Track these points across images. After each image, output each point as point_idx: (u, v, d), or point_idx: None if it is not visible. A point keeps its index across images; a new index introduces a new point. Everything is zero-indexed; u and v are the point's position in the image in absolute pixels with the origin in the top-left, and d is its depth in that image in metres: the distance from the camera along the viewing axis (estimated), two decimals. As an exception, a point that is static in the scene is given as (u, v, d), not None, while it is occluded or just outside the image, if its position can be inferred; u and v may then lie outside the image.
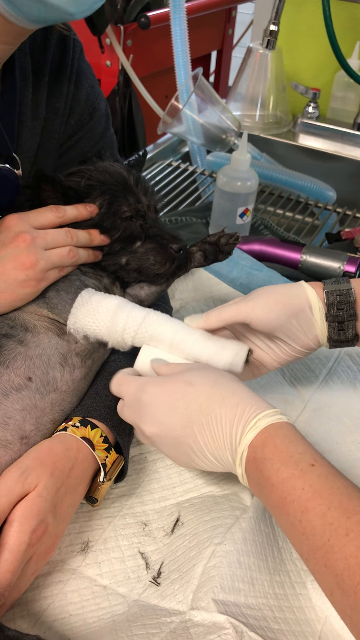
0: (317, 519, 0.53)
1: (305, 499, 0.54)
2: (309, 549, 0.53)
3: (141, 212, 0.81)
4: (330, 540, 0.51)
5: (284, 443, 0.59)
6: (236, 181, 1.23)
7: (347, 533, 0.51)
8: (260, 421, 0.61)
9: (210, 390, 0.64)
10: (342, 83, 1.68)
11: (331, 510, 0.53)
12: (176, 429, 0.64)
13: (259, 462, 0.59)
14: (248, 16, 2.53)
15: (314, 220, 1.46)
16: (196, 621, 0.62)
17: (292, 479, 0.56)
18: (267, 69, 1.65)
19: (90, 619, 0.64)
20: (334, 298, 0.74)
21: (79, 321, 0.74)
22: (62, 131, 0.89)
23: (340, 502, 0.53)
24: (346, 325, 0.74)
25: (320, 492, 0.54)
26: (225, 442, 0.62)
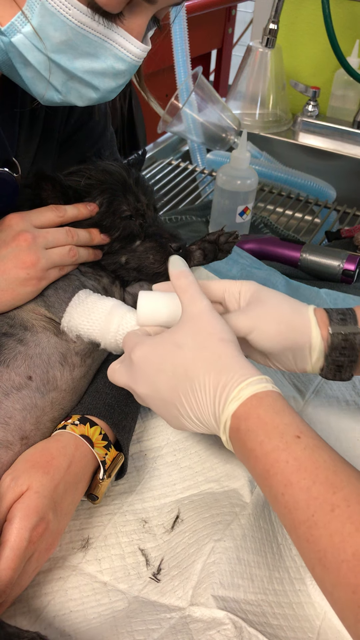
0: (301, 493, 0.51)
1: (289, 472, 0.53)
2: (292, 522, 0.52)
3: (140, 211, 0.82)
4: (315, 515, 0.50)
5: (268, 414, 0.57)
6: (236, 180, 1.23)
7: (332, 509, 0.49)
8: (244, 390, 0.59)
9: (196, 354, 0.62)
10: (341, 81, 1.68)
11: (316, 484, 0.51)
12: (164, 392, 0.63)
13: (243, 433, 0.58)
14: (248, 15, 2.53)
15: (314, 219, 1.46)
16: (196, 617, 0.62)
17: (276, 452, 0.54)
18: (267, 68, 1.65)
19: (90, 615, 0.64)
20: (339, 342, 0.69)
21: (73, 320, 0.74)
22: (62, 131, 0.89)
23: (326, 477, 0.51)
24: (344, 369, 0.70)
25: (305, 465, 0.53)
26: (209, 409, 0.61)
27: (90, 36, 0.64)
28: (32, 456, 0.67)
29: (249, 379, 0.59)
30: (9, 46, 0.65)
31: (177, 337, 0.64)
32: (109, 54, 0.66)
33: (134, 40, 0.66)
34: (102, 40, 0.65)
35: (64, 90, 0.68)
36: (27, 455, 0.68)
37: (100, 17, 0.63)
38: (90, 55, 0.66)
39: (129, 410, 0.77)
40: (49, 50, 0.64)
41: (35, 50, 0.64)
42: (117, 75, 0.68)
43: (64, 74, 0.67)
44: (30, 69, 0.66)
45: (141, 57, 0.68)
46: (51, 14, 0.62)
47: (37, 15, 0.62)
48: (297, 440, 0.54)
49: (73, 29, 0.63)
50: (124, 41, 0.66)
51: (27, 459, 0.67)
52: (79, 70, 0.66)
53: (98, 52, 0.66)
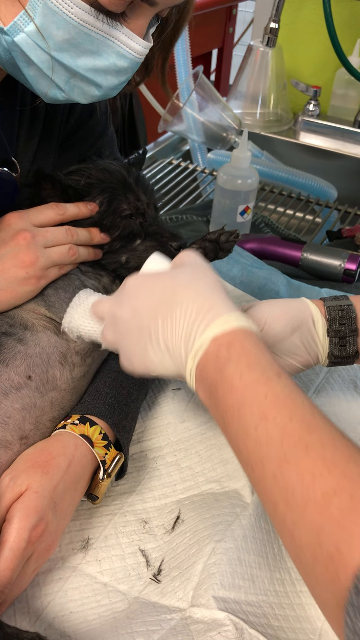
0: (275, 429, 0.50)
1: (266, 406, 0.51)
2: (258, 457, 0.50)
3: (141, 210, 0.81)
4: (287, 453, 0.48)
5: (252, 348, 0.55)
6: (237, 179, 1.23)
7: (306, 448, 0.48)
8: (230, 322, 0.57)
9: (189, 283, 0.62)
10: (342, 80, 1.68)
11: (293, 422, 0.50)
12: (142, 313, 0.62)
13: (222, 361, 0.55)
14: (249, 14, 2.53)
15: (315, 218, 1.46)
16: (196, 618, 0.62)
17: (256, 384, 0.53)
18: (268, 67, 1.65)
19: (90, 616, 0.64)
20: (336, 313, 0.73)
21: (74, 321, 0.74)
22: (62, 130, 0.89)
23: (303, 416, 0.50)
24: (347, 340, 0.73)
25: (284, 402, 0.51)
26: (184, 332, 0.59)
27: (93, 34, 0.64)
28: (31, 456, 0.67)
29: (237, 314, 0.58)
30: (12, 45, 0.65)
31: (175, 271, 0.65)
32: (111, 52, 0.66)
33: (136, 37, 0.66)
34: (104, 38, 0.65)
35: (67, 88, 0.69)
36: (27, 455, 0.67)
37: (104, 16, 0.63)
38: (93, 53, 0.66)
39: (129, 410, 0.76)
40: (52, 48, 0.64)
41: (38, 49, 0.64)
42: (119, 73, 0.69)
43: (67, 72, 0.67)
44: (34, 68, 0.67)
45: (143, 53, 0.69)
46: (53, 13, 0.62)
47: (39, 15, 0.62)
48: (278, 379, 0.53)
49: (75, 27, 0.63)
50: (126, 38, 0.66)
51: (26, 459, 0.67)
52: (81, 68, 0.67)
53: (100, 49, 0.66)
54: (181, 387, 0.90)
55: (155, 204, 0.85)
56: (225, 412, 0.55)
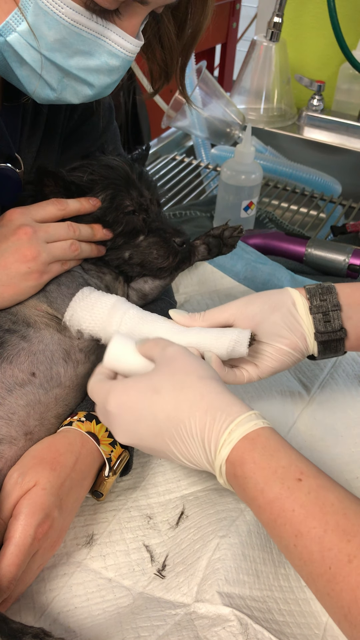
0: (313, 544, 0.48)
1: (297, 522, 0.50)
2: (308, 575, 0.49)
3: (144, 206, 0.81)
4: (332, 568, 0.47)
5: (264, 458, 0.54)
6: (240, 174, 1.22)
7: (349, 559, 0.46)
8: (234, 433, 0.55)
9: (176, 396, 0.59)
10: (347, 75, 1.67)
11: (328, 533, 0.48)
12: (148, 440, 0.60)
13: (240, 480, 0.55)
14: (252, 9, 2.52)
15: (319, 214, 1.46)
16: (201, 613, 0.62)
17: (280, 500, 0.51)
18: (272, 62, 1.65)
19: (95, 612, 0.64)
20: (316, 290, 0.73)
21: (76, 314, 0.74)
22: (65, 126, 0.88)
23: (337, 523, 0.49)
24: (331, 315, 0.72)
25: (313, 512, 0.50)
26: (201, 455, 0.58)
27: (84, 34, 0.64)
28: (39, 452, 0.67)
29: (238, 419, 0.56)
30: (5, 45, 0.65)
31: (153, 381, 0.61)
32: (103, 51, 0.67)
33: (128, 36, 0.67)
34: (96, 38, 0.65)
35: (59, 87, 0.69)
36: (34, 451, 0.67)
37: (97, 16, 0.63)
38: (85, 52, 0.66)
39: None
40: (44, 48, 0.65)
41: (30, 48, 0.65)
42: (111, 71, 0.69)
43: (59, 72, 0.67)
44: (26, 67, 0.67)
45: (134, 52, 0.69)
46: (45, 13, 0.62)
47: (31, 14, 0.63)
48: (299, 485, 0.52)
49: (67, 27, 0.63)
50: (118, 38, 0.66)
51: (33, 455, 0.67)
52: (73, 68, 0.67)
53: (92, 49, 0.66)
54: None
55: (159, 199, 0.85)
56: (266, 527, 0.54)
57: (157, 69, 0.83)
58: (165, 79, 0.84)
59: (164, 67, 0.82)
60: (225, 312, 0.74)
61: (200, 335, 0.72)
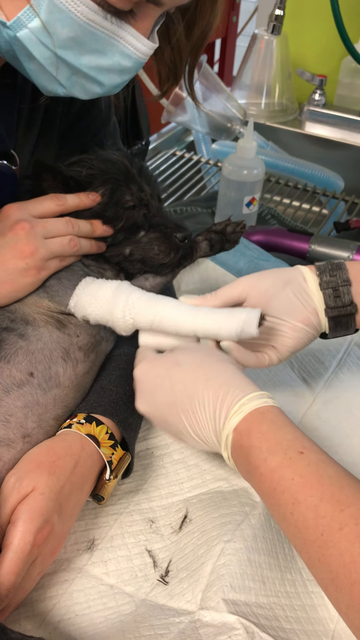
0: (309, 512, 0.51)
1: (295, 490, 0.53)
2: (302, 542, 0.52)
3: (144, 200, 0.79)
4: (324, 534, 0.50)
5: (271, 430, 0.57)
6: (242, 169, 1.21)
7: (340, 527, 0.49)
8: (245, 405, 0.59)
9: (196, 370, 0.64)
10: (349, 69, 1.66)
11: (323, 502, 0.51)
12: (162, 408, 0.65)
13: (246, 449, 0.58)
14: (252, 4, 2.50)
15: (322, 210, 1.44)
16: (206, 621, 0.60)
17: (281, 469, 0.55)
18: (273, 56, 1.63)
19: (97, 619, 0.63)
20: (326, 267, 0.74)
21: (81, 301, 0.73)
22: (63, 121, 0.87)
23: (332, 493, 0.52)
24: (341, 291, 0.73)
25: (311, 482, 0.53)
26: (209, 425, 0.62)
27: (99, 33, 0.63)
28: (37, 456, 0.65)
29: (250, 394, 0.60)
30: (14, 40, 0.64)
31: (177, 356, 0.67)
32: (116, 51, 0.66)
33: (142, 37, 0.66)
34: (110, 38, 0.64)
35: (68, 84, 0.68)
36: (32, 455, 0.66)
37: (111, 16, 0.62)
38: (97, 51, 0.65)
39: (134, 407, 0.74)
40: (56, 46, 0.64)
41: (41, 45, 0.64)
42: (122, 72, 0.68)
43: (69, 69, 0.66)
44: (35, 63, 0.66)
45: (147, 54, 0.68)
46: (59, 10, 0.61)
47: (44, 11, 0.61)
48: (300, 457, 0.55)
49: (81, 26, 0.62)
50: (132, 39, 0.65)
51: (31, 459, 0.65)
52: (84, 66, 0.66)
53: (105, 49, 0.65)
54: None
55: (159, 194, 0.83)
56: (264, 498, 0.57)
57: (166, 70, 0.81)
58: (174, 80, 0.83)
59: (172, 68, 0.81)
60: (237, 287, 0.75)
61: (208, 316, 0.71)
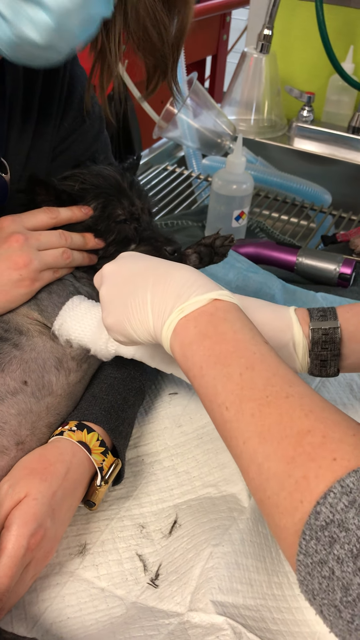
0: (260, 379, 0.52)
1: (254, 360, 0.54)
2: (238, 397, 0.52)
3: (135, 215, 0.81)
4: (269, 397, 0.51)
5: (247, 320, 0.58)
6: (232, 184, 1.23)
7: (287, 396, 0.50)
8: (225, 296, 0.59)
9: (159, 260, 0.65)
10: (336, 87, 1.69)
11: (276, 376, 0.52)
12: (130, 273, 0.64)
13: (218, 319, 0.57)
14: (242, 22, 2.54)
15: (310, 223, 1.46)
16: (194, 622, 0.62)
17: (247, 343, 0.55)
18: (262, 73, 1.66)
19: (88, 622, 0.64)
20: (319, 337, 0.71)
21: (65, 324, 0.74)
22: (56, 134, 0.89)
23: (286, 373, 0.53)
24: (329, 363, 0.72)
25: (270, 361, 0.54)
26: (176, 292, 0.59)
27: None
28: (29, 463, 0.67)
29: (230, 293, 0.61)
30: None
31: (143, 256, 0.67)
32: None
33: None
34: None
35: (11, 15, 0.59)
36: (24, 462, 0.67)
37: None
38: None
39: (125, 415, 0.76)
40: None
41: None
42: None
43: None
44: None
45: None
46: None
47: None
48: (266, 345, 0.56)
49: None
50: None
51: (24, 466, 0.66)
52: None
53: None
54: (178, 392, 0.90)
55: (150, 208, 0.85)
56: (207, 360, 0.56)
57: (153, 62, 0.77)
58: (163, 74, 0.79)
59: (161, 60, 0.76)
60: None
61: None
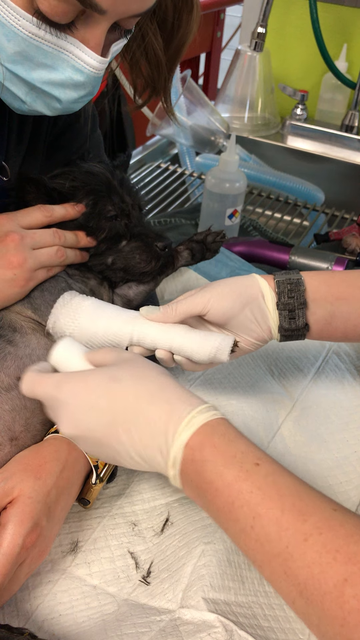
0: (271, 525, 0.50)
1: (255, 503, 0.51)
2: (264, 556, 0.50)
3: (126, 211, 0.81)
4: (289, 547, 0.48)
5: (223, 442, 0.55)
6: (225, 182, 1.23)
7: (305, 538, 0.48)
8: (195, 419, 0.56)
9: (137, 386, 0.58)
10: (329, 85, 1.69)
11: (285, 514, 0.49)
12: (97, 430, 0.58)
13: (198, 464, 0.55)
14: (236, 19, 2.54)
15: (302, 221, 1.47)
16: (186, 619, 0.62)
17: (238, 482, 0.52)
18: (256, 71, 1.66)
19: (80, 619, 0.64)
20: (285, 286, 0.75)
21: (59, 322, 0.73)
22: (49, 132, 0.89)
23: (293, 504, 0.50)
24: (297, 313, 0.75)
25: (270, 494, 0.51)
26: (155, 443, 0.56)
27: (44, 47, 0.62)
28: (24, 458, 0.67)
29: (198, 407, 0.57)
30: None
31: (113, 371, 0.60)
32: (66, 65, 0.65)
33: (89, 51, 0.64)
34: (57, 52, 0.63)
35: (28, 99, 0.68)
36: (20, 457, 0.67)
37: (50, 28, 0.61)
38: (47, 66, 0.64)
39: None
40: (5, 60, 0.63)
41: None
42: (77, 87, 0.67)
43: (25, 85, 0.66)
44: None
45: (100, 69, 0.66)
46: (2, 25, 0.61)
47: None
48: (257, 468, 0.53)
49: (25, 40, 0.62)
50: (80, 52, 0.64)
51: (19, 461, 0.67)
52: (37, 81, 0.65)
53: (55, 63, 0.64)
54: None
55: (140, 205, 0.85)
56: (218, 514, 0.54)
57: (142, 83, 0.81)
58: (153, 92, 0.82)
59: (150, 82, 0.80)
60: (197, 305, 0.74)
61: (185, 338, 0.73)
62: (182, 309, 0.74)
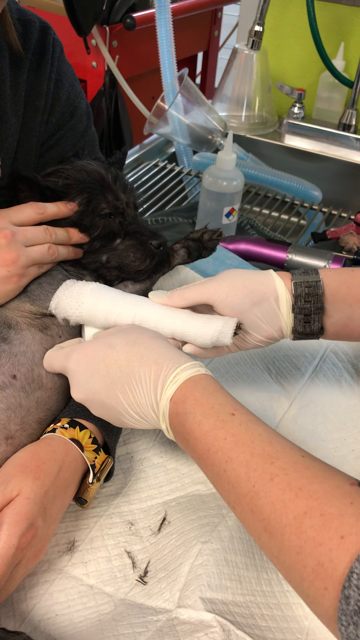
0: (241, 467, 0.54)
1: (228, 448, 0.55)
2: (235, 497, 0.54)
3: (120, 209, 0.81)
4: (256, 486, 0.52)
5: (203, 395, 0.60)
6: (222, 181, 1.23)
7: (271, 478, 0.52)
8: (179, 375, 0.61)
9: (129, 350, 0.65)
10: (327, 84, 1.69)
11: (254, 457, 0.53)
12: (100, 393, 0.65)
13: (181, 416, 0.60)
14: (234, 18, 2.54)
15: (300, 220, 1.47)
16: (183, 619, 0.62)
17: (214, 430, 0.57)
18: (253, 70, 1.66)
19: (76, 619, 0.64)
20: (302, 290, 0.73)
21: (62, 302, 0.74)
22: (43, 130, 0.88)
23: (263, 449, 0.54)
24: (312, 318, 0.74)
25: (242, 440, 0.55)
26: (147, 400, 0.63)
27: None
28: (22, 460, 0.66)
29: (183, 365, 0.62)
30: None
31: (109, 339, 0.68)
32: None
33: None
34: None
35: None
36: (17, 459, 0.67)
37: None
38: None
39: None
40: None
41: None
42: None
43: None
44: None
45: None
46: None
47: None
48: (232, 418, 0.57)
49: None
50: None
51: (16, 463, 0.66)
52: None
53: None
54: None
55: (135, 203, 0.85)
56: (199, 461, 0.59)
57: None
58: None
59: None
60: (204, 294, 0.75)
61: (187, 322, 0.73)
62: (189, 296, 0.75)
